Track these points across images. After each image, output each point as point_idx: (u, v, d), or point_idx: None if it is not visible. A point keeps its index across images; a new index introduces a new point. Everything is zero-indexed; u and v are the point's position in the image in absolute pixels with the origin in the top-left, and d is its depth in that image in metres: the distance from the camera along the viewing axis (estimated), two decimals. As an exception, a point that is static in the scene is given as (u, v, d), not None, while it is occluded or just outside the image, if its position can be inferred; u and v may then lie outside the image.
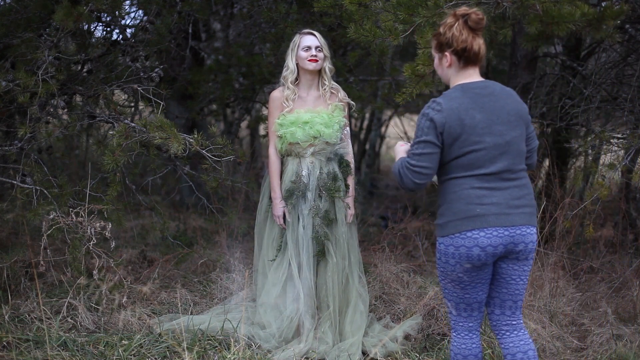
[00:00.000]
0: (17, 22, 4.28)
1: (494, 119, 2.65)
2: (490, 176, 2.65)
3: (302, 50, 3.69)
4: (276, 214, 3.75)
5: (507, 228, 2.65)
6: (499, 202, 2.65)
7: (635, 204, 5.94)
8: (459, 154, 2.64)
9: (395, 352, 3.62)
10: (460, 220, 2.64)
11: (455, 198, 2.66)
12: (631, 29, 5.68)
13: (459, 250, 2.64)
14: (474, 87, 2.68)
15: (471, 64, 2.70)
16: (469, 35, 2.63)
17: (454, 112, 2.61)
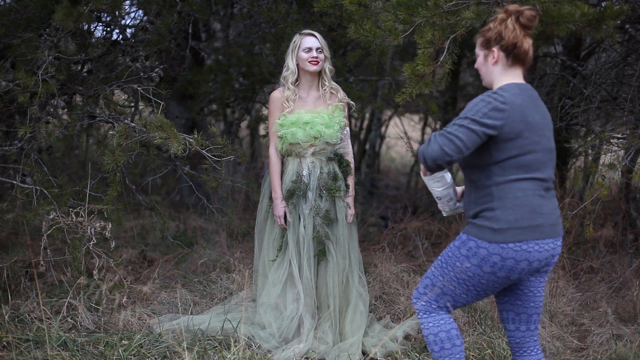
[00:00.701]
0: (17, 22, 4.28)
1: (546, 123, 2.60)
2: (544, 182, 2.58)
3: (303, 51, 3.69)
4: (277, 214, 3.75)
5: (554, 240, 2.57)
6: (550, 212, 2.57)
7: (635, 204, 5.94)
8: (521, 152, 2.51)
9: (395, 352, 3.62)
10: (522, 230, 2.50)
11: (519, 204, 2.51)
12: (631, 29, 5.68)
13: (505, 262, 2.51)
14: (527, 88, 2.61)
15: (519, 63, 2.62)
16: (521, 32, 2.56)
17: (518, 108, 2.51)
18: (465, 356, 2.81)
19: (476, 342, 3.67)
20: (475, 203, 2.61)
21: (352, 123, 10.16)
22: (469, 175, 2.66)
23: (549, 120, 2.63)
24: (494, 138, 2.51)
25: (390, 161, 14.82)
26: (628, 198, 5.83)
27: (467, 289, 2.62)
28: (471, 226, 2.59)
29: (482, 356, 3.54)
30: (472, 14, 3.46)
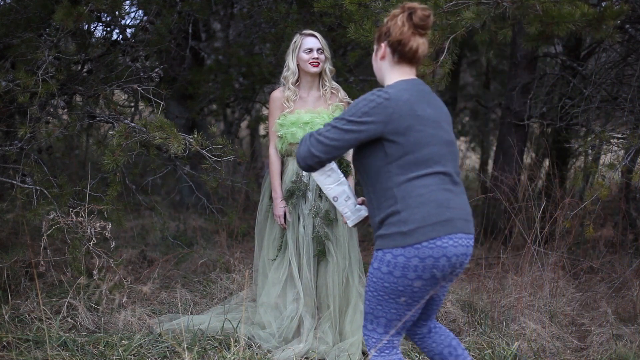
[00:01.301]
0: (17, 22, 4.28)
1: (442, 116, 2.54)
2: (447, 177, 2.48)
3: (304, 52, 3.68)
4: (277, 214, 3.75)
5: (467, 236, 2.49)
6: (459, 207, 2.48)
7: (635, 204, 5.94)
8: (417, 146, 2.43)
9: (395, 352, 3.62)
10: (431, 226, 2.40)
11: (424, 201, 2.41)
12: (631, 29, 5.68)
13: (424, 262, 2.39)
14: (417, 83, 2.54)
15: (406, 61, 2.53)
16: (410, 30, 2.46)
17: (405, 103, 2.43)
18: None
19: (476, 342, 3.67)
20: (378, 209, 2.49)
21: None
22: (366, 181, 2.55)
23: (446, 113, 2.57)
24: (384, 136, 2.43)
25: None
26: (628, 198, 5.83)
27: (407, 304, 2.49)
28: (381, 239, 2.48)
29: (482, 356, 3.54)
30: (472, 14, 3.46)
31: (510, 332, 3.77)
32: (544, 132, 6.77)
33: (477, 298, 4.16)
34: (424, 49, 2.51)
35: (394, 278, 2.43)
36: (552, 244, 4.53)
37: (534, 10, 3.41)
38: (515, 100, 6.06)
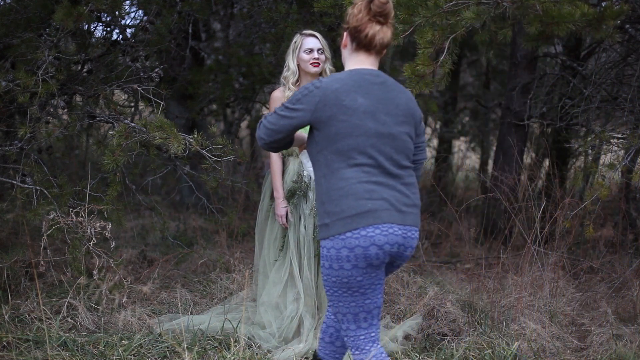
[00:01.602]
0: (17, 22, 4.28)
1: (380, 107, 2.50)
2: (376, 168, 2.47)
3: (304, 52, 3.68)
4: (279, 214, 3.74)
5: (402, 227, 2.47)
6: (387, 198, 2.45)
7: (635, 204, 5.94)
8: (338, 137, 2.45)
9: (395, 352, 3.62)
10: (351, 218, 2.41)
11: (343, 194, 2.43)
12: (631, 29, 5.68)
13: (354, 251, 2.41)
14: (365, 73, 2.53)
15: (363, 49, 2.54)
16: (367, 17, 2.48)
17: (333, 92, 2.45)
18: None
19: (476, 342, 3.67)
20: (317, 201, 2.55)
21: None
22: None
23: (393, 105, 2.53)
24: (312, 125, 2.50)
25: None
26: (628, 198, 5.83)
27: (361, 294, 2.51)
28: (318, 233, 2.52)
29: (482, 356, 3.54)
30: (472, 14, 3.46)
31: (510, 332, 3.77)
32: (544, 132, 6.77)
33: (477, 298, 4.16)
34: (382, 37, 2.51)
35: (334, 271, 2.46)
36: (552, 244, 4.53)
37: (534, 10, 3.41)
38: (515, 100, 6.07)
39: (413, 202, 2.53)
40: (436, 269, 5.05)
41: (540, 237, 4.33)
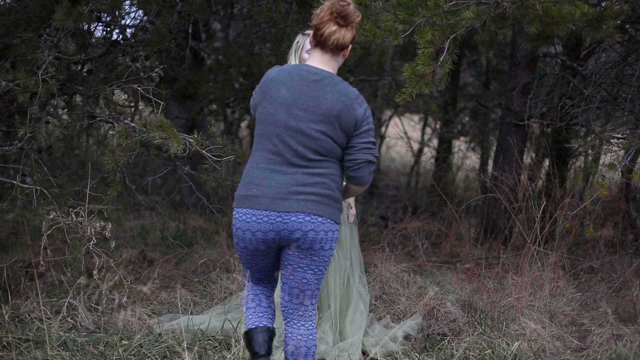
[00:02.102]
0: (17, 22, 4.28)
1: (299, 102, 2.64)
2: (277, 156, 2.65)
3: (306, 52, 3.67)
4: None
5: (280, 214, 2.63)
6: (271, 186, 2.64)
7: (635, 204, 5.94)
8: (258, 122, 2.71)
9: (395, 352, 3.62)
10: (241, 198, 2.70)
11: (244, 175, 2.72)
12: (631, 29, 5.68)
13: (235, 228, 2.73)
14: (304, 68, 2.70)
15: (319, 47, 2.70)
16: (327, 17, 2.63)
17: (267, 81, 2.71)
18: None
19: (476, 342, 3.67)
20: None
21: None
22: None
23: (314, 103, 2.65)
24: None
25: (390, 161, 14.81)
26: (628, 198, 5.83)
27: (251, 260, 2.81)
28: None
29: (482, 356, 3.54)
30: (472, 14, 3.46)
31: (510, 332, 3.77)
32: (544, 132, 6.77)
33: (477, 298, 4.16)
34: (338, 38, 2.65)
35: (234, 231, 2.77)
36: (552, 244, 4.53)
37: (534, 10, 3.41)
38: (515, 100, 6.07)
39: (312, 191, 2.66)
40: (436, 269, 5.05)
41: (540, 237, 4.33)
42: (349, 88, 2.71)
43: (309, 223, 2.66)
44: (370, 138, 2.71)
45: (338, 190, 2.74)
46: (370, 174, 2.76)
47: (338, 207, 2.74)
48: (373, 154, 2.73)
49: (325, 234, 2.70)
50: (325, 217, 2.69)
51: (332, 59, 2.73)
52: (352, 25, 2.67)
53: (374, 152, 2.73)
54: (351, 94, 2.69)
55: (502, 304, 4.00)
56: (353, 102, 2.67)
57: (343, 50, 2.72)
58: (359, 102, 2.69)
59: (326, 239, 2.71)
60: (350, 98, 2.68)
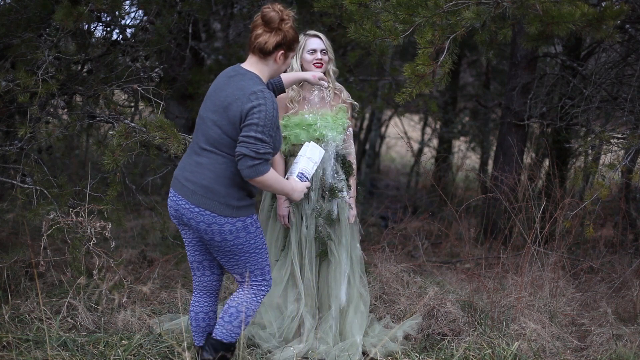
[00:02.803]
0: (17, 22, 4.28)
1: (212, 95, 2.92)
2: (194, 144, 2.97)
3: (308, 53, 3.68)
4: (281, 214, 3.74)
5: (176, 194, 2.97)
6: (181, 167, 2.98)
7: (635, 204, 5.94)
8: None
9: (395, 352, 3.62)
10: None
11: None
12: (631, 29, 5.68)
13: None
14: (234, 68, 2.97)
15: (250, 50, 2.93)
16: (256, 23, 2.88)
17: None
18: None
19: (476, 342, 3.67)
20: None
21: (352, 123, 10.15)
22: None
23: (218, 95, 2.88)
24: None
25: (390, 161, 14.82)
26: (628, 198, 5.83)
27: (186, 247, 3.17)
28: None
29: (482, 356, 3.54)
30: (472, 14, 3.46)
31: (510, 332, 3.77)
32: (544, 132, 6.77)
33: (477, 298, 4.16)
34: (260, 41, 2.87)
35: None
36: (552, 244, 4.53)
37: (534, 10, 3.41)
38: (515, 100, 6.07)
39: (193, 180, 2.90)
40: (436, 269, 5.05)
41: (540, 237, 4.33)
42: (251, 86, 2.84)
43: (189, 211, 2.91)
44: (252, 133, 2.76)
45: (222, 184, 2.87)
46: (248, 168, 2.78)
47: (219, 199, 2.86)
48: (251, 149, 2.77)
49: (208, 226, 2.87)
50: (202, 208, 2.87)
51: (259, 61, 2.93)
52: (279, 31, 2.87)
53: (252, 147, 2.76)
54: (247, 89, 2.83)
55: (502, 304, 4.00)
56: (245, 97, 2.81)
57: (270, 55, 2.90)
58: (252, 99, 2.79)
59: (211, 231, 2.88)
60: (244, 93, 2.82)
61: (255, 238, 2.99)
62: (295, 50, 3.04)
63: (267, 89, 2.86)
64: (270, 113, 2.80)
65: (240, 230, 2.92)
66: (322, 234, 3.71)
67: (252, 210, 3.01)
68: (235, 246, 2.94)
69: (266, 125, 2.78)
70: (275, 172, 2.89)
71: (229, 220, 2.88)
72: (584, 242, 5.36)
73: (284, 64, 2.99)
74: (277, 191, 2.99)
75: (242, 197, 2.93)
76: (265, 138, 2.78)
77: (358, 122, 11.26)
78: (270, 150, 2.82)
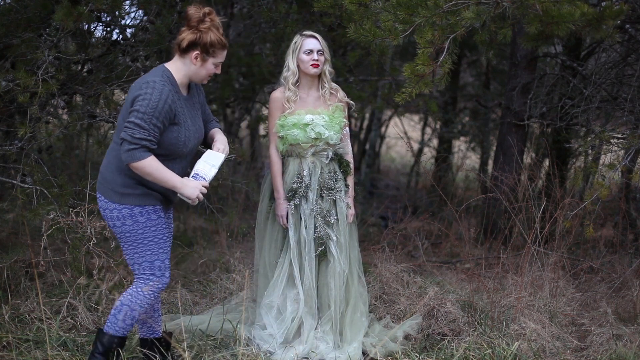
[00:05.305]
0: (17, 22, 4.27)
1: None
2: None
3: (304, 53, 3.68)
4: (280, 214, 3.74)
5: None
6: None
7: (635, 204, 5.94)
8: None
9: (395, 352, 3.62)
10: None
11: None
12: (631, 29, 5.68)
13: None
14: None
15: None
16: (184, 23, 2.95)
17: None
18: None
19: (476, 342, 3.67)
20: None
21: (352, 123, 10.16)
22: None
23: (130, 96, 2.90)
24: None
25: (390, 161, 14.82)
26: (628, 198, 5.83)
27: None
28: None
29: (482, 356, 3.54)
30: (472, 14, 3.46)
31: (510, 332, 3.77)
32: (544, 132, 6.77)
33: (477, 298, 4.16)
34: (179, 38, 2.94)
35: None
36: (552, 244, 4.53)
37: (533, 10, 3.41)
38: (515, 100, 6.06)
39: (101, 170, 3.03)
40: (436, 269, 5.05)
41: (540, 237, 4.33)
42: (148, 77, 2.91)
43: (99, 200, 3.03)
44: (133, 118, 2.82)
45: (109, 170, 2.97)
46: (125, 152, 2.82)
47: (107, 185, 2.97)
48: (128, 133, 2.82)
49: (103, 211, 3.00)
50: (100, 194, 3.00)
51: (178, 58, 2.99)
52: (196, 30, 2.91)
53: (129, 131, 2.82)
54: (143, 79, 2.91)
55: (502, 304, 4.00)
56: (137, 86, 2.89)
57: (185, 53, 2.94)
58: (143, 87, 2.85)
59: (106, 217, 3.01)
60: (138, 83, 2.90)
61: (144, 229, 2.98)
62: (217, 56, 3.02)
63: (163, 81, 2.88)
64: (154, 103, 2.82)
65: (126, 218, 2.95)
66: (320, 234, 3.71)
67: (146, 200, 2.97)
68: (122, 233, 2.98)
69: (147, 113, 2.80)
70: (156, 162, 2.86)
71: (116, 206, 2.94)
72: (584, 242, 5.36)
73: (203, 67, 2.99)
74: (159, 181, 2.90)
75: (128, 185, 2.94)
76: (143, 124, 2.80)
77: (358, 122, 11.26)
78: (147, 137, 2.81)
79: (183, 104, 3.00)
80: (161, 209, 3.04)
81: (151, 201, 2.99)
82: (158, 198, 3.02)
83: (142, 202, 2.96)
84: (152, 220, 2.99)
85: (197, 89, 3.20)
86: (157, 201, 3.01)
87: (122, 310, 3.04)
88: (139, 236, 2.98)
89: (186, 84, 3.06)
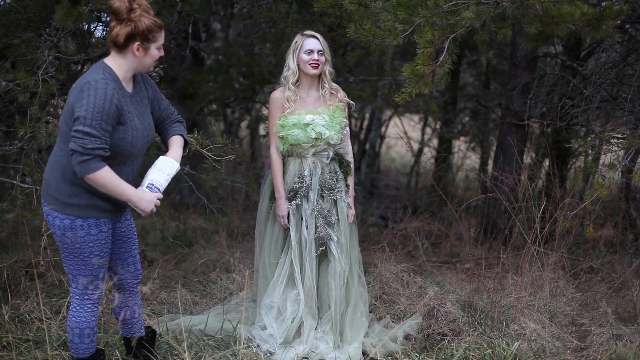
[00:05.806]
0: (17, 22, 4.28)
1: None
2: None
3: (304, 53, 3.68)
4: (281, 214, 3.74)
5: None
6: None
7: (635, 204, 5.94)
8: None
9: (395, 352, 3.62)
10: None
11: None
12: (631, 29, 5.68)
13: None
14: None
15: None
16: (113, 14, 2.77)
17: None
18: None
19: (476, 342, 3.67)
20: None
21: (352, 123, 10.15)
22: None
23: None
24: None
25: (390, 161, 14.82)
26: (628, 198, 5.83)
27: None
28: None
29: (482, 356, 3.54)
30: (472, 14, 3.46)
31: (510, 332, 3.77)
32: (544, 132, 6.77)
33: (477, 298, 4.16)
34: (112, 34, 2.77)
35: None
36: (552, 244, 4.53)
37: (533, 10, 3.41)
38: (515, 100, 6.06)
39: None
40: (436, 269, 5.05)
41: (540, 237, 4.33)
42: (88, 76, 2.71)
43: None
44: (80, 126, 2.61)
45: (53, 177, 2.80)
46: (78, 164, 2.65)
47: (50, 191, 2.80)
48: (78, 144, 2.63)
49: (46, 217, 2.85)
50: (44, 200, 2.85)
51: (117, 55, 2.81)
52: (128, 21, 2.72)
53: (79, 141, 2.62)
54: (83, 79, 2.71)
55: (502, 304, 4.00)
56: (78, 87, 2.69)
57: (125, 48, 2.77)
58: (84, 89, 2.64)
59: (48, 223, 2.84)
60: (79, 84, 2.70)
61: (82, 244, 2.81)
62: (158, 40, 2.81)
63: (105, 79, 2.68)
64: (99, 105, 2.61)
65: (67, 229, 2.79)
66: (321, 235, 3.71)
67: (90, 212, 2.81)
68: (61, 243, 2.83)
69: (94, 118, 2.60)
70: (111, 173, 2.70)
71: (58, 215, 2.78)
72: (584, 242, 5.36)
73: (147, 56, 2.80)
74: (114, 193, 2.74)
75: (74, 194, 2.76)
76: (94, 132, 2.61)
77: (358, 122, 11.26)
78: (100, 146, 2.64)
79: (129, 102, 2.81)
80: (106, 221, 2.87)
81: (95, 213, 2.81)
82: (105, 209, 2.85)
83: (85, 213, 2.79)
84: (91, 235, 2.82)
85: (144, 82, 2.98)
86: (104, 212, 2.84)
87: (74, 333, 2.95)
88: (75, 250, 2.82)
89: (130, 79, 2.87)
